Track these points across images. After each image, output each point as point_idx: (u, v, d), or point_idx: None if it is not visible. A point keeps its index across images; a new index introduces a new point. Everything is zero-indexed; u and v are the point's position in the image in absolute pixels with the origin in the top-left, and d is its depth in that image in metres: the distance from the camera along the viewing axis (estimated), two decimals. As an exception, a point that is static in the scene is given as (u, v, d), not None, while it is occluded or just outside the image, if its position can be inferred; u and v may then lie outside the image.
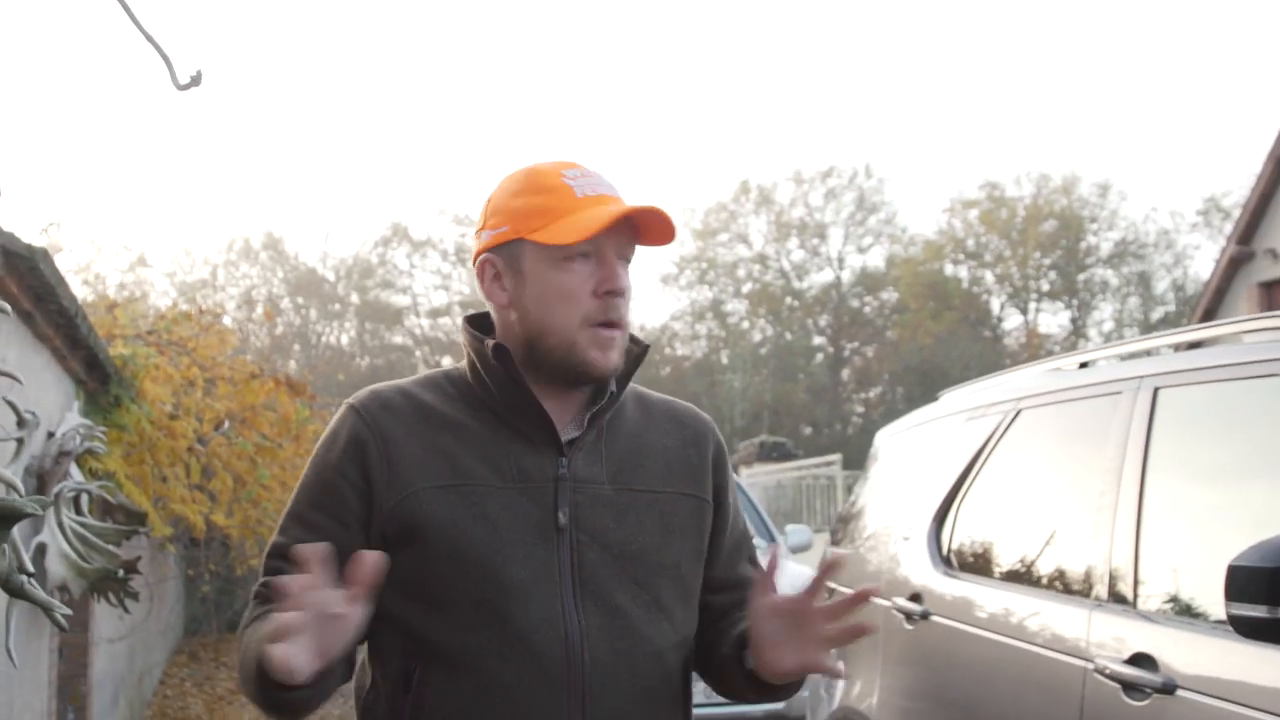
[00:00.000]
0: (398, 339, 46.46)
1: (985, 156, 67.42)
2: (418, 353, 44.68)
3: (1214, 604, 2.47)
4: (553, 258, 1.87)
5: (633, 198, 1.93)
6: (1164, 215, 62.66)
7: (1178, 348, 3.58)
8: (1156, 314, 44.84)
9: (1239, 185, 45.17)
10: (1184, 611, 2.72)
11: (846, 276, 47.56)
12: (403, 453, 1.88)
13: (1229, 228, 22.25)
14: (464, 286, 45.18)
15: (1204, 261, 47.95)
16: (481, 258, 1.95)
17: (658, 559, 1.92)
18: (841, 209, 47.42)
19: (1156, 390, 3.06)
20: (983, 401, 4.16)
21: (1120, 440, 3.09)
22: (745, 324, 47.93)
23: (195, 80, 3.41)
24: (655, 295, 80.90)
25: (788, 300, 47.57)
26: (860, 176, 46.96)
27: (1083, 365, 3.76)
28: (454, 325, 44.88)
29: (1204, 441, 3.03)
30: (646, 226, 1.91)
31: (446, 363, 2.70)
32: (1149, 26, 67.33)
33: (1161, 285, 45.80)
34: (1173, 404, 3.02)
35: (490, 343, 1.91)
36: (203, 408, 8.90)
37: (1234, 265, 19.04)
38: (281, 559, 1.85)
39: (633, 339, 1.99)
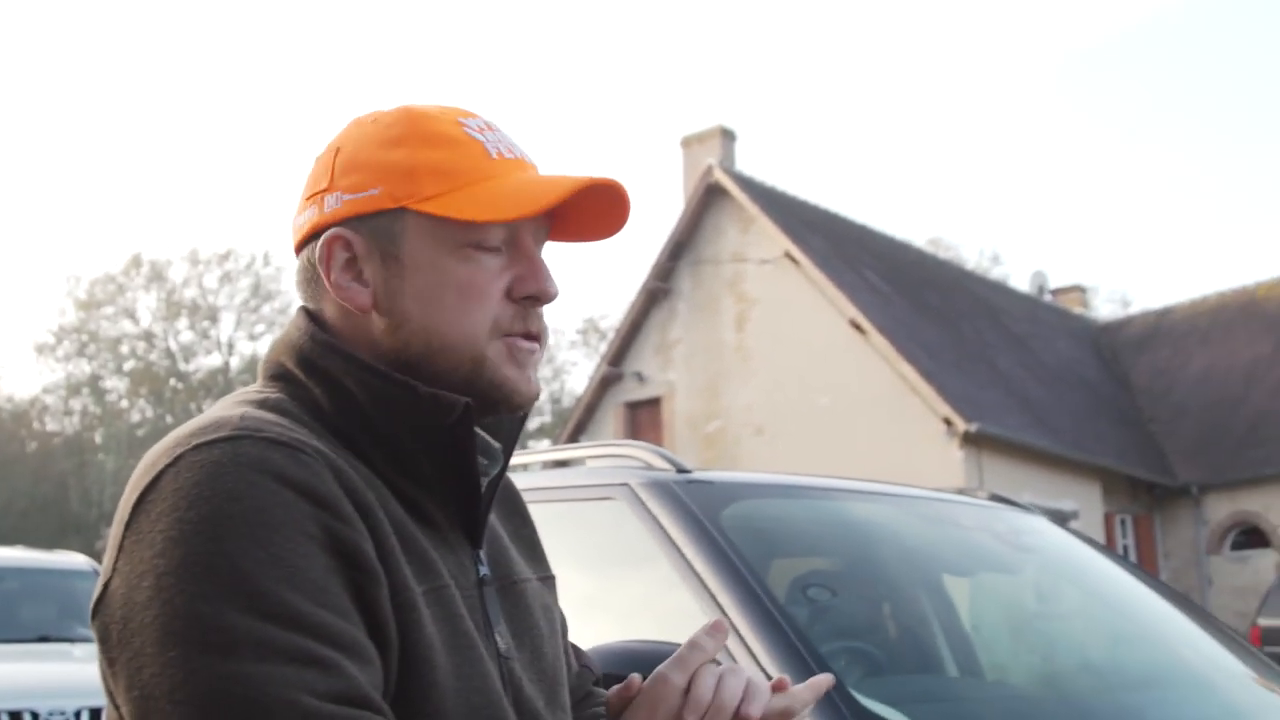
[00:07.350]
0: None
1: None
2: None
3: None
4: (453, 241, 1.25)
5: (549, 167, 1.37)
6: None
7: (545, 465, 3.94)
8: (534, 424, 47.41)
9: (615, 310, 49.04)
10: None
11: (236, 362, 46.54)
12: (383, 531, 1.16)
13: (605, 349, 23.97)
14: None
15: (580, 378, 51.44)
16: (328, 233, 1.28)
17: (562, 673, 1.39)
18: (236, 294, 46.57)
19: (521, 505, 3.36)
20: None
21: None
22: (124, 403, 45.75)
23: None
24: (27, 365, 75.80)
25: (172, 382, 45.82)
26: (258, 263, 46.43)
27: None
28: None
29: (555, 555, 3.35)
30: (574, 215, 1.33)
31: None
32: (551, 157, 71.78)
33: (540, 397, 48.51)
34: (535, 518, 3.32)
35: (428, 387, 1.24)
36: None
37: (605, 384, 20.67)
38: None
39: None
